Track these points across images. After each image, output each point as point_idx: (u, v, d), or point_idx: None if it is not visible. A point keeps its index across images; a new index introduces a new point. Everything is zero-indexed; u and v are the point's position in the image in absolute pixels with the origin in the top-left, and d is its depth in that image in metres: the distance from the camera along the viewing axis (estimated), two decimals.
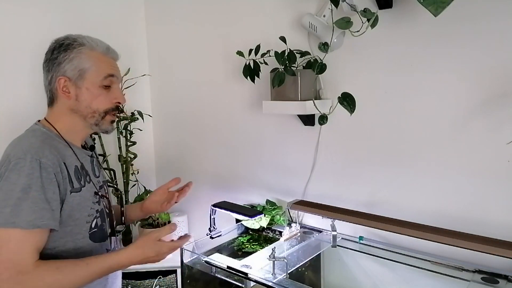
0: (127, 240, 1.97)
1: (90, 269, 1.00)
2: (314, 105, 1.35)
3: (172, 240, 1.12)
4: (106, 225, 1.17)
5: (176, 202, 1.33)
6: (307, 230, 1.54)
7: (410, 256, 1.30)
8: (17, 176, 0.96)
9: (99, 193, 1.15)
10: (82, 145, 1.17)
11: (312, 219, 1.57)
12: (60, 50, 1.07)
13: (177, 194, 1.34)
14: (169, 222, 1.91)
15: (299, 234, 1.52)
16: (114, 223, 1.23)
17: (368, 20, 1.22)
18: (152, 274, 1.83)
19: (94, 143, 1.31)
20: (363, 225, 1.32)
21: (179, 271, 1.78)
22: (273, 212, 1.59)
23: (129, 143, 1.99)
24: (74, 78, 1.07)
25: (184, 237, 1.16)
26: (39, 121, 1.13)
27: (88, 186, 1.10)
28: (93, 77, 1.08)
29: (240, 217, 1.57)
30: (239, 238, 1.59)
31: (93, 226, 1.10)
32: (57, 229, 1.01)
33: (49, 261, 0.99)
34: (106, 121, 1.13)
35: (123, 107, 1.13)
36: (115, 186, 1.75)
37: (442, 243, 1.16)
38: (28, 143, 1.02)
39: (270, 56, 1.46)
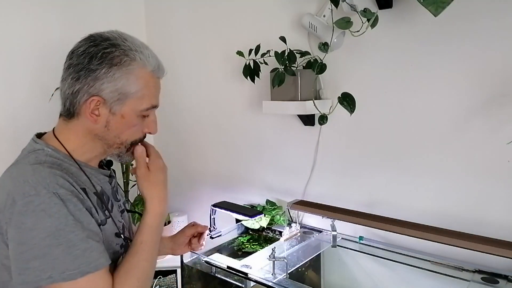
0: None
1: (146, 246, 0.86)
2: (314, 105, 1.35)
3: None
4: None
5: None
6: (307, 230, 1.54)
7: (410, 256, 1.30)
8: (34, 219, 0.73)
9: (123, 216, 0.97)
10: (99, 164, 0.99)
11: (312, 219, 1.57)
12: (103, 61, 0.82)
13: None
14: (169, 222, 1.91)
15: (299, 234, 1.52)
16: None
17: (368, 20, 1.21)
18: None
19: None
20: (363, 225, 1.33)
21: (179, 271, 1.77)
22: (273, 212, 1.59)
23: None
24: (111, 101, 0.84)
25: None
26: (39, 135, 0.89)
27: (111, 218, 0.90)
28: (136, 105, 0.86)
29: (240, 217, 1.57)
30: (239, 238, 1.59)
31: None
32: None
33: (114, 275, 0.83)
34: (129, 152, 0.93)
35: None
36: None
37: (442, 243, 1.16)
38: (32, 173, 0.78)
39: (270, 56, 1.46)
